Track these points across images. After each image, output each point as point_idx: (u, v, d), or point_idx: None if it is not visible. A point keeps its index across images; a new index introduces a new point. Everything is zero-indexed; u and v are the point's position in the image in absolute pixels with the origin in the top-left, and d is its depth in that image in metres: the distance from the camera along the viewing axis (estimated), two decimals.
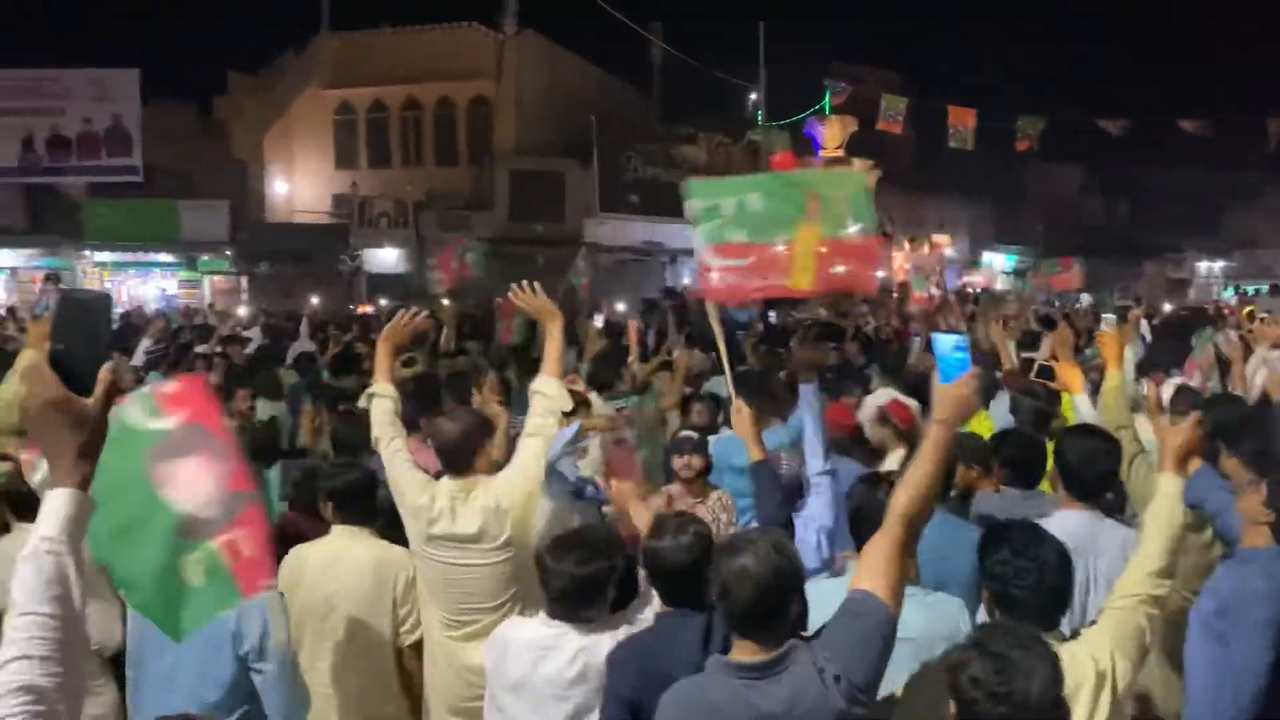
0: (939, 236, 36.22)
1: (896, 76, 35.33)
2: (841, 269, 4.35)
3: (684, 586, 2.87)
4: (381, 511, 3.90)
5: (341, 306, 20.03)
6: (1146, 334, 10.60)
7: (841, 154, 31.70)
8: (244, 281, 24.97)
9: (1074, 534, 3.10)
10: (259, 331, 12.75)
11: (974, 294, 20.39)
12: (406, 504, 3.73)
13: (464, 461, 3.72)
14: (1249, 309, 12.44)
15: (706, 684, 2.36)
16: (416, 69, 28.18)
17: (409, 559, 3.81)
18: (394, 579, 3.78)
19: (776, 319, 14.80)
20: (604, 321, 13.67)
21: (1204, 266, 40.11)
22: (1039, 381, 5.80)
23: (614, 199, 26.96)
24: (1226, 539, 3.41)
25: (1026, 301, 16.98)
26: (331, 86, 29.35)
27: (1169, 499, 2.83)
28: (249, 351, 10.11)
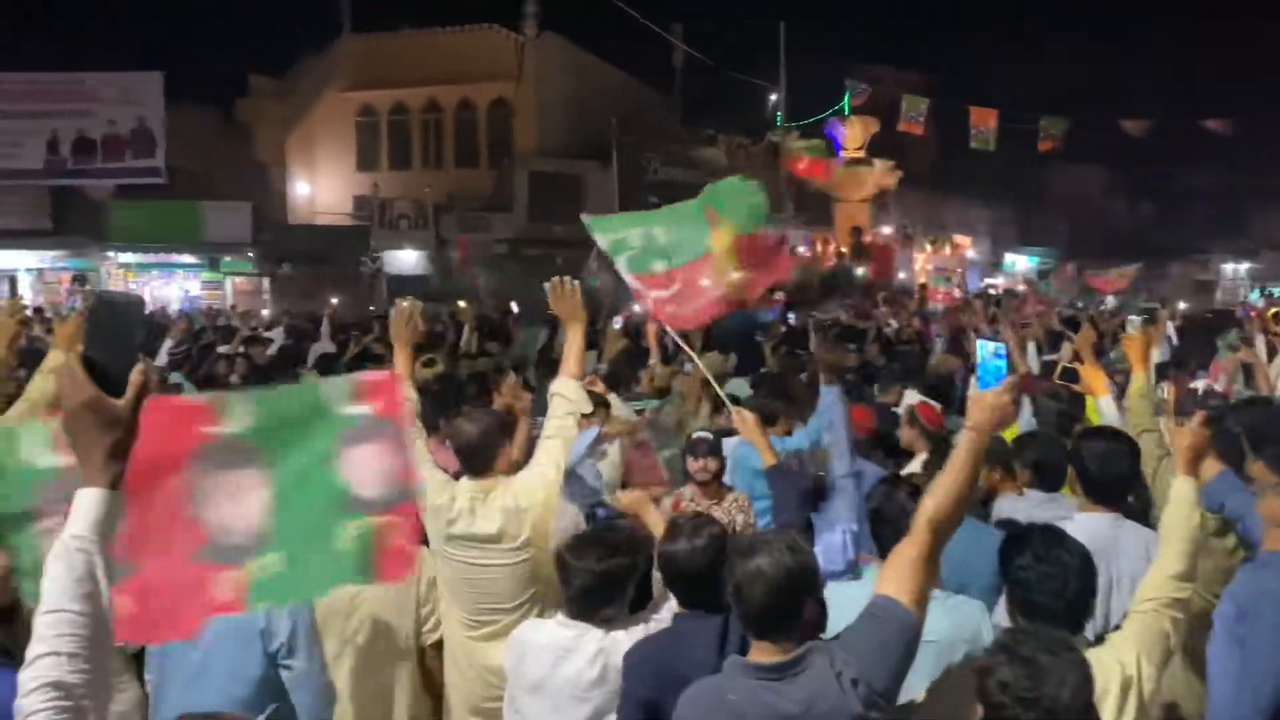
0: (960, 238, 35.97)
1: (918, 77, 35.17)
2: (761, 262, 4.54)
3: (700, 589, 2.86)
4: None
5: (362, 308, 20.12)
6: (1173, 336, 10.50)
7: (862, 154, 31.64)
8: (266, 283, 25.14)
9: (1095, 537, 3.07)
10: (281, 332, 12.82)
11: (995, 296, 20.24)
12: (427, 504, 3.74)
13: (483, 462, 3.73)
14: (1274, 310, 12.29)
15: (724, 684, 2.36)
16: (437, 71, 28.33)
17: (432, 559, 3.82)
18: (417, 578, 3.79)
19: (796, 320, 14.74)
20: (623, 323, 13.65)
21: (1230, 268, 39.66)
22: (1062, 384, 5.75)
23: (634, 200, 26.94)
24: (1248, 542, 3.37)
25: (1052, 303, 16.82)
26: (353, 89, 29.57)
27: (1181, 501, 2.80)
28: (271, 352, 10.18)
